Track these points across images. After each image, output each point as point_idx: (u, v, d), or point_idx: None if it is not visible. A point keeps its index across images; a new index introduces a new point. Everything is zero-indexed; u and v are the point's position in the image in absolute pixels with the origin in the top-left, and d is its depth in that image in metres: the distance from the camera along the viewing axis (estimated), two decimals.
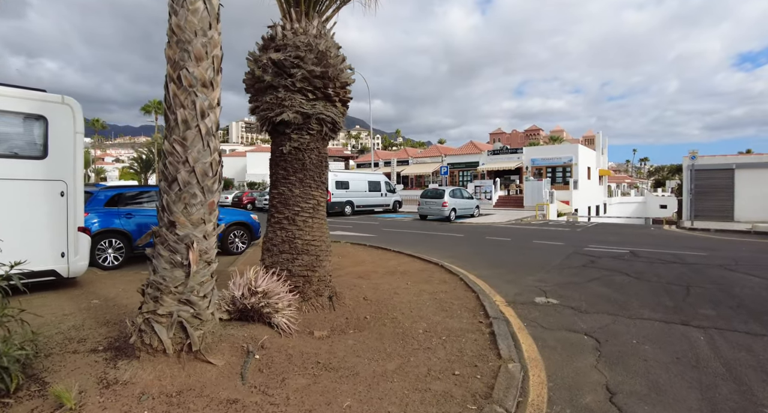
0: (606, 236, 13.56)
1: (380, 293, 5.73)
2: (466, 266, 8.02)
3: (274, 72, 4.92)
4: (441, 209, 18.73)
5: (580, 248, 10.61)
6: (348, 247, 10.51)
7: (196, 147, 3.25)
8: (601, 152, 38.06)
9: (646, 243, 11.77)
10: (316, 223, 5.11)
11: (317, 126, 5.03)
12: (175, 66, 3.21)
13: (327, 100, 5.08)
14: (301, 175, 5.03)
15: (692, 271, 7.62)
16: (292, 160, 5.02)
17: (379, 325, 4.49)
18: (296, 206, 5.00)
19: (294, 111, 4.85)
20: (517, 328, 4.58)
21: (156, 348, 3.19)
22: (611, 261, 8.64)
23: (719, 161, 18.83)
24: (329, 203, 21.25)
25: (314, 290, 5.00)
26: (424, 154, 43.68)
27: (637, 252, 9.83)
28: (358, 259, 8.71)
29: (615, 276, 7.18)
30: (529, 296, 5.89)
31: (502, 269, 7.89)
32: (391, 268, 7.69)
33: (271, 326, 4.28)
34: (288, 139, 5.02)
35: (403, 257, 8.94)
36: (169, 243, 3.25)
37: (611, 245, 11.26)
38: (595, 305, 5.48)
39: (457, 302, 5.38)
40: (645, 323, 4.78)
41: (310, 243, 5.01)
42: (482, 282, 6.66)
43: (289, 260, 4.95)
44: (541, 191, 25.24)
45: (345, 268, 7.65)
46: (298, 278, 4.94)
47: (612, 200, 44.07)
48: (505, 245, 11.26)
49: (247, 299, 4.34)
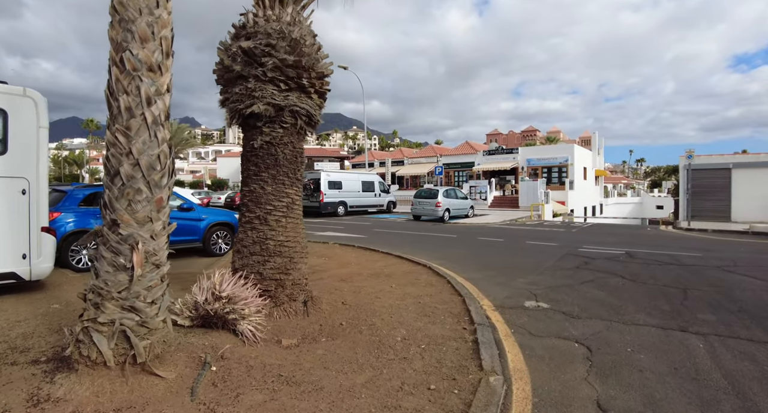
0: (601, 237, 13.28)
1: (361, 297, 5.41)
2: (456, 268, 7.70)
3: (244, 61, 4.60)
4: (434, 209, 18.42)
5: (575, 249, 10.32)
6: (336, 248, 10.18)
7: (141, 137, 2.92)
8: (598, 153, 37.90)
9: (642, 244, 11.49)
10: (290, 223, 4.78)
11: (291, 119, 4.70)
12: (118, 48, 2.88)
13: (301, 91, 4.75)
14: (274, 171, 4.70)
15: (690, 273, 7.33)
16: (263, 155, 4.70)
17: (355, 332, 4.16)
18: (268, 205, 4.67)
19: (265, 103, 4.52)
20: (503, 335, 4.26)
21: (95, 361, 2.86)
22: (606, 263, 8.35)
23: (716, 160, 18.62)
24: (322, 204, 20.94)
25: (287, 295, 4.67)
26: (419, 154, 43.38)
27: (633, 253, 9.55)
28: (344, 261, 8.38)
29: (609, 278, 6.89)
30: (519, 300, 5.58)
31: (492, 271, 7.58)
32: (377, 270, 7.37)
33: (236, 334, 3.96)
34: (259, 132, 4.69)
35: (390, 259, 8.61)
36: (111, 244, 2.92)
37: (606, 245, 10.97)
38: (587, 309, 5.18)
39: (442, 307, 5.06)
40: (641, 329, 4.47)
41: (283, 244, 4.68)
42: (470, 285, 6.35)
43: (260, 263, 4.62)
44: (536, 191, 24.98)
45: (329, 270, 7.33)
46: (270, 282, 4.61)
47: (608, 200, 43.92)
48: (498, 246, 10.95)
49: (210, 304, 4.02)
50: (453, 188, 20.75)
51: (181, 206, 9.06)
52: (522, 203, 25.93)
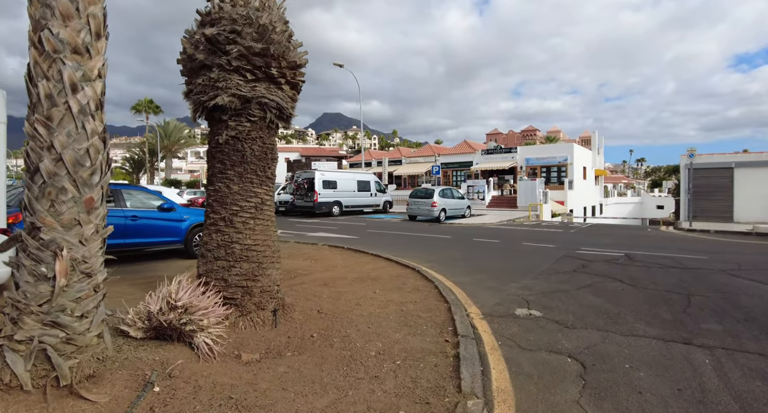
0: (600, 238, 12.89)
1: (340, 305, 5.03)
2: (446, 272, 7.32)
3: (207, 49, 4.22)
4: (430, 209, 18.03)
5: (572, 250, 9.93)
6: (325, 250, 9.80)
7: (66, 129, 2.55)
8: (597, 152, 37.50)
9: (643, 246, 11.10)
10: (259, 225, 4.39)
11: (259, 112, 4.32)
12: (36, 26, 2.51)
13: (270, 81, 4.37)
14: (241, 169, 4.32)
15: (692, 277, 6.94)
16: (229, 151, 4.32)
17: (326, 346, 3.78)
18: (234, 206, 4.29)
19: (230, 94, 4.14)
20: (489, 348, 3.88)
21: (9, 384, 2.48)
22: (604, 266, 7.96)
23: (718, 159, 18.21)
24: (316, 204, 20.55)
25: (255, 303, 4.29)
26: (417, 153, 42.97)
27: (633, 256, 9.16)
28: (330, 263, 8.00)
29: (608, 283, 6.50)
30: (510, 307, 5.19)
31: (484, 274, 7.20)
32: (363, 274, 6.99)
33: (193, 347, 3.58)
34: (225, 127, 4.32)
35: (379, 261, 8.23)
36: (30, 251, 2.54)
37: (605, 247, 10.58)
38: (583, 318, 4.79)
39: (425, 316, 4.67)
40: (640, 341, 4.09)
41: (251, 248, 4.30)
42: (459, 290, 5.97)
43: (225, 268, 4.24)
44: (534, 191, 24.59)
45: (312, 274, 6.95)
46: (236, 290, 4.23)
47: (608, 200, 43.51)
48: (492, 248, 10.57)
49: (164, 314, 3.63)
50: (449, 188, 20.36)
51: (161, 206, 8.69)
52: (520, 203, 25.54)
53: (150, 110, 52.55)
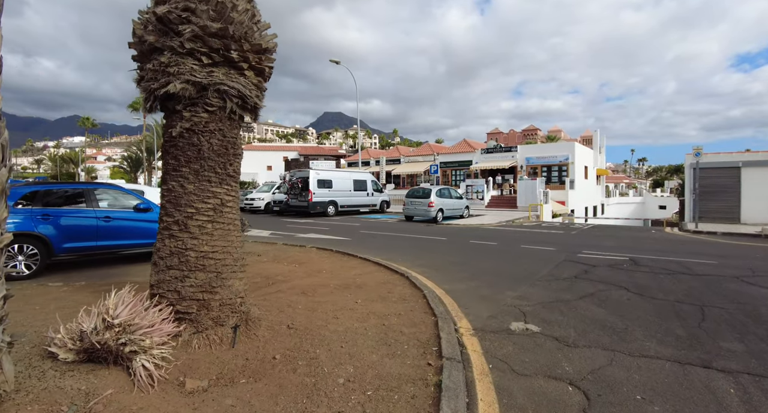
0: (603, 240, 12.36)
1: (314, 318, 4.50)
2: (438, 278, 6.80)
3: (158, 30, 3.70)
4: (427, 209, 17.51)
5: (574, 254, 9.40)
6: (312, 253, 9.28)
7: None
8: (599, 151, 36.92)
9: (647, 249, 10.56)
10: (219, 229, 3.87)
11: (218, 101, 3.80)
12: None
13: (231, 66, 3.85)
14: (197, 165, 3.80)
15: (704, 285, 6.41)
16: (184, 146, 3.80)
17: (288, 370, 3.26)
18: (189, 207, 3.77)
19: (183, 80, 3.62)
20: (478, 373, 3.36)
21: None
22: (608, 271, 7.42)
23: (724, 158, 17.64)
24: (310, 203, 20.03)
25: (213, 319, 3.78)
26: (416, 152, 42.41)
27: (638, 260, 8.63)
28: (315, 268, 7.48)
29: (612, 291, 5.97)
30: (504, 321, 4.67)
31: (478, 280, 6.67)
32: (348, 280, 6.47)
33: (131, 372, 3.07)
34: (179, 118, 3.80)
35: (368, 266, 7.71)
36: None
37: (608, 250, 10.05)
38: (586, 334, 4.27)
39: (409, 332, 4.15)
40: (652, 364, 3.56)
41: (208, 256, 3.78)
42: (450, 300, 5.45)
43: (178, 279, 3.72)
44: (535, 190, 24.05)
45: (293, 280, 6.43)
46: (191, 303, 3.72)
47: (610, 200, 42.95)
48: (489, 251, 10.04)
49: (99, 334, 3.12)
50: (447, 188, 19.83)
51: (137, 206, 8.18)
52: (520, 203, 25.00)
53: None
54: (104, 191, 8.25)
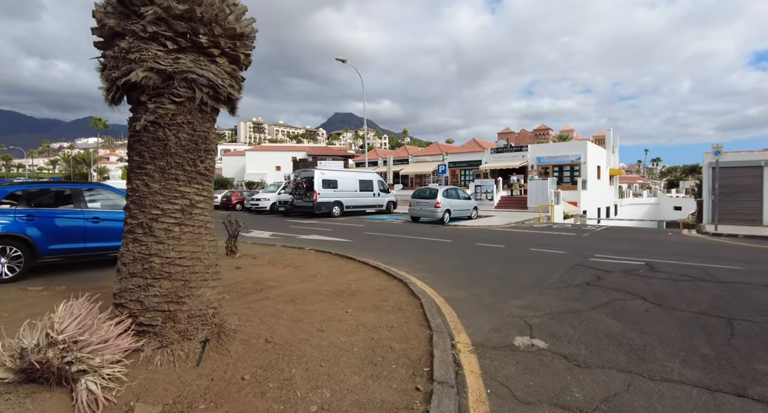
0: (616, 243, 11.76)
1: (297, 330, 4.11)
2: (438, 284, 6.36)
3: (119, 13, 3.35)
4: (433, 210, 17.03)
5: (585, 258, 8.87)
6: (309, 256, 8.91)
7: None
8: (612, 151, 35.99)
9: (665, 252, 9.97)
10: (187, 233, 3.50)
11: (186, 91, 3.43)
12: None
13: (200, 52, 3.48)
14: (163, 162, 3.43)
15: (730, 293, 5.86)
16: (148, 141, 3.43)
17: (255, 394, 2.87)
18: (154, 209, 3.41)
19: (146, 68, 3.26)
20: (473, 401, 2.92)
21: None
22: (623, 278, 6.90)
23: (746, 157, 16.83)
24: (315, 204, 19.69)
25: (180, 332, 3.40)
26: (424, 152, 41.88)
27: (655, 265, 8.07)
28: (310, 272, 7.10)
29: (628, 301, 5.47)
30: (508, 335, 4.22)
31: (482, 287, 6.21)
32: (342, 286, 6.07)
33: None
34: (144, 110, 3.43)
35: (365, 270, 7.30)
36: None
37: (623, 254, 9.49)
38: (599, 351, 3.80)
39: (400, 348, 3.73)
40: (677, 390, 3.09)
41: (175, 263, 3.41)
42: (449, 310, 5.01)
43: (142, 288, 3.36)
44: (546, 191, 23.39)
45: (283, 286, 6.05)
46: (155, 315, 3.35)
47: (623, 201, 41.90)
48: (496, 255, 9.55)
49: (40, 352, 2.77)
50: (455, 188, 19.31)
51: None
52: (530, 203, 24.36)
53: None
54: (96, 190, 7.98)
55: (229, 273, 6.95)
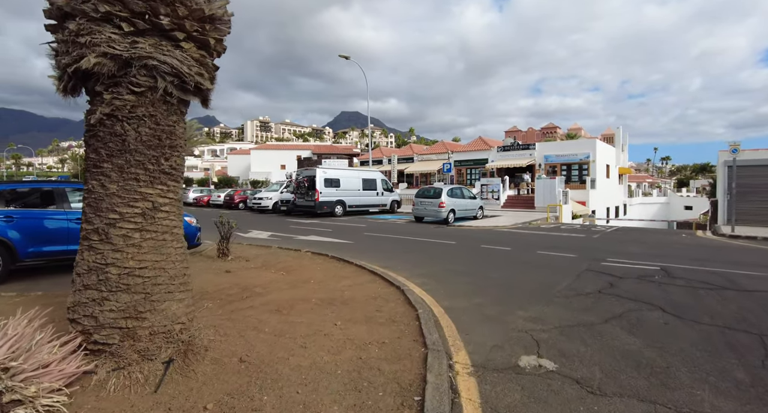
0: (628, 246, 11.24)
1: (278, 346, 3.71)
2: (439, 291, 5.94)
3: None
4: (437, 210, 16.57)
5: (596, 262, 8.38)
6: (305, 258, 8.52)
7: None
8: (621, 149, 35.22)
9: (680, 256, 9.44)
10: (150, 239, 3.11)
11: (147, 80, 3.03)
12: None
13: (162, 35, 3.08)
14: (121, 160, 3.04)
15: (758, 304, 5.37)
16: (104, 136, 3.04)
17: None
18: (112, 213, 3.02)
19: (98, 53, 2.87)
20: None
21: None
22: (637, 285, 6.42)
23: (765, 155, 16.15)
24: (317, 203, 19.32)
25: (140, 351, 3.02)
26: (429, 151, 41.33)
27: (671, 270, 7.56)
28: (303, 277, 6.71)
29: (645, 312, 5.00)
30: (513, 353, 3.78)
31: (485, 295, 5.77)
32: (335, 293, 5.67)
33: None
34: (100, 101, 3.04)
35: (362, 275, 6.89)
36: None
37: (635, 258, 8.98)
38: (616, 374, 3.35)
39: (389, 370, 3.31)
40: None
41: (134, 273, 3.02)
42: (448, 322, 4.58)
43: (97, 302, 2.98)
44: (554, 190, 22.80)
45: (272, 292, 5.67)
46: (111, 332, 2.97)
47: (633, 200, 41.09)
48: (501, 258, 9.09)
49: None
50: (460, 187, 18.82)
51: None
52: (538, 203, 23.77)
53: None
54: (77, 190, 7.65)
55: (217, 278, 6.58)
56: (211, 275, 6.87)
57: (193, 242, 8.73)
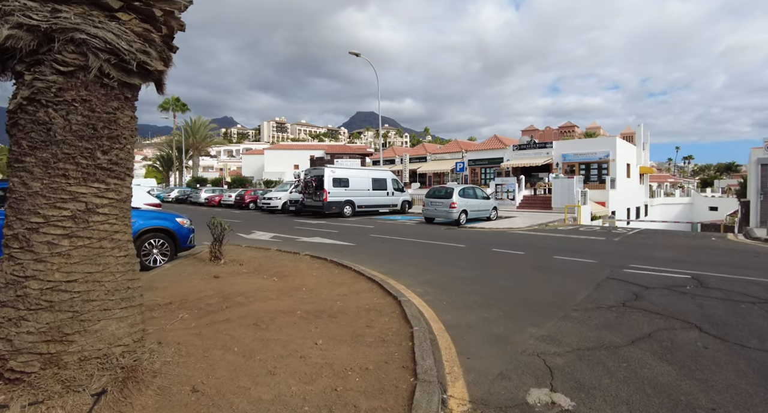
0: (653, 250, 10.40)
1: (243, 371, 3.17)
2: (440, 302, 5.34)
3: None
4: (449, 211, 15.90)
5: (619, 269, 7.64)
6: (302, 263, 8.01)
7: None
8: (643, 148, 33.85)
9: (713, 262, 8.61)
10: (82, 248, 2.61)
11: (76, 57, 2.53)
12: None
13: (92, 3, 2.57)
14: (46, 153, 2.55)
15: None
16: (26, 125, 2.56)
17: None
18: (35, 215, 2.53)
19: (12, 24, 2.37)
20: None
21: None
22: (667, 296, 5.70)
23: None
24: (325, 204, 18.86)
25: (65, 381, 2.52)
26: (443, 150, 40.51)
27: (704, 279, 6.79)
28: (295, 284, 6.20)
29: (678, 332, 4.31)
30: (521, 384, 3.16)
31: (493, 308, 5.15)
32: (325, 304, 5.13)
33: None
34: (21, 83, 2.56)
35: (359, 283, 6.34)
36: None
37: (662, 264, 8.20)
38: None
39: (368, 407, 2.74)
40: None
41: (60, 288, 2.53)
42: (448, 342, 3.99)
43: (12, 322, 2.49)
44: (571, 190, 21.84)
45: (255, 302, 5.16)
46: (30, 358, 2.47)
47: (654, 201, 39.56)
48: (513, 264, 8.42)
49: None
50: (472, 187, 18.07)
51: None
52: (555, 203, 22.83)
53: (177, 108, 52.84)
54: None
55: (202, 284, 6.12)
56: (197, 281, 6.42)
57: (186, 244, 8.33)
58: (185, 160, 56.21)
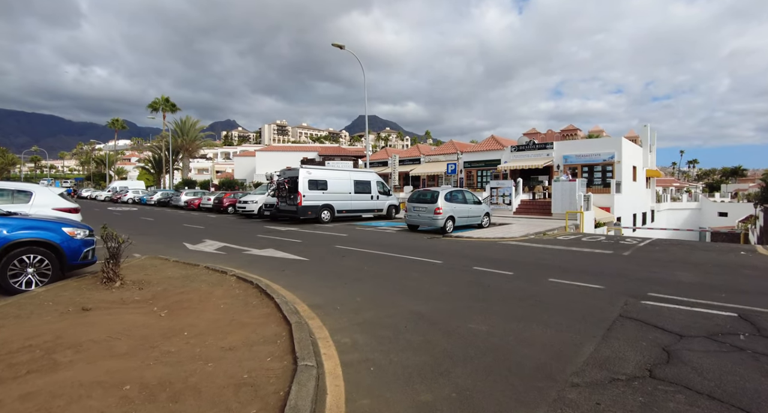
0: (674, 268, 8.47)
1: None
2: (365, 370, 3.46)
3: None
4: (433, 217, 14.00)
5: (636, 299, 5.75)
6: (222, 286, 6.15)
7: None
8: (649, 150, 31.88)
9: (758, 290, 6.68)
10: None
11: None
12: None
13: None
14: None
15: None
16: None
17: None
18: None
19: None
20: None
21: None
22: (716, 357, 3.79)
23: None
24: (299, 208, 16.99)
25: None
26: (437, 151, 38.57)
27: (757, 320, 4.88)
28: (182, 323, 4.35)
29: None
30: None
31: (445, 384, 3.24)
32: (186, 369, 3.26)
33: None
34: None
35: (267, 326, 4.48)
36: None
37: (691, 292, 6.29)
38: None
39: None
40: None
41: None
42: None
43: None
44: (573, 194, 19.91)
45: (79, 363, 3.30)
46: None
47: (660, 206, 37.56)
48: (496, 289, 6.52)
49: None
50: (461, 190, 16.12)
51: None
52: (555, 209, 20.90)
53: (167, 108, 51.19)
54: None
55: (50, 323, 4.28)
56: (50, 317, 4.59)
57: (77, 261, 6.47)
58: (176, 161, 54.49)
